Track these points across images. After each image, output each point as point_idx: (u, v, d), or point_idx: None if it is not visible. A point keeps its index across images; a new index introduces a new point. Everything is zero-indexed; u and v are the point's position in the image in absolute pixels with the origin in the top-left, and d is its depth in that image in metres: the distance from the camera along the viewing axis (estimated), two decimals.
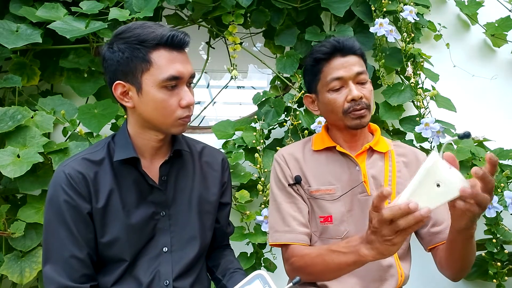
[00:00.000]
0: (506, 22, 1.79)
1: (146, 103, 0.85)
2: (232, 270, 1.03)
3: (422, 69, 1.60)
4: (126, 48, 0.84)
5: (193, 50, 2.18)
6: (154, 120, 0.87)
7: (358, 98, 0.99)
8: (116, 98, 0.88)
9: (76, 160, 0.90)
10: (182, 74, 0.85)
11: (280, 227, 1.03)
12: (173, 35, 0.83)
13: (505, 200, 1.34)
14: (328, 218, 1.02)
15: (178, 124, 0.87)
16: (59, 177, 0.87)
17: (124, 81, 0.86)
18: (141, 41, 0.83)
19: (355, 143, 1.07)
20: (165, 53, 0.84)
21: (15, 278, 1.26)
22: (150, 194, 0.92)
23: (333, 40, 1.02)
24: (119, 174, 0.90)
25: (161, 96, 0.84)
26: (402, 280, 1.01)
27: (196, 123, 1.92)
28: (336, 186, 1.03)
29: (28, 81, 1.50)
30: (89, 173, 0.88)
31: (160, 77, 0.83)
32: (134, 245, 0.90)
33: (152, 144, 0.93)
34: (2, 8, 1.51)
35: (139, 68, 0.83)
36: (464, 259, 0.88)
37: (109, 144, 0.93)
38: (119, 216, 0.88)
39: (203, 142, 1.09)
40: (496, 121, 1.80)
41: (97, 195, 0.88)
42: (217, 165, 1.05)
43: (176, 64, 0.84)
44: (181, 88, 0.86)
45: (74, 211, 0.85)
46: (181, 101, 0.86)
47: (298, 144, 1.15)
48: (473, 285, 1.69)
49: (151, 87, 0.84)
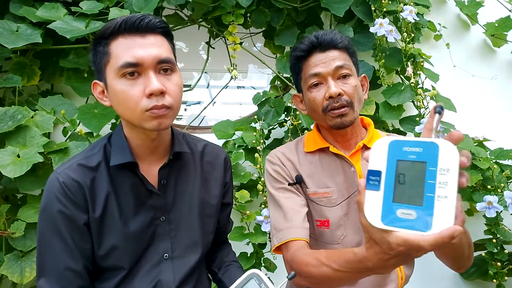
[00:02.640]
0: (506, 22, 1.79)
1: (112, 98, 0.80)
2: (228, 263, 1.02)
3: (422, 69, 1.60)
4: (93, 46, 0.82)
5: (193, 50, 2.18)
6: (123, 115, 0.81)
7: (336, 95, 0.92)
8: (96, 98, 0.85)
9: (71, 166, 0.84)
10: (141, 59, 0.76)
11: (282, 225, 0.96)
12: (126, 20, 0.77)
13: (505, 200, 1.34)
14: (325, 222, 0.98)
15: (147, 118, 0.77)
16: (53, 186, 0.82)
17: (98, 79, 0.83)
18: (101, 34, 0.79)
19: (348, 142, 1.02)
20: (122, 40, 0.77)
21: (15, 278, 1.25)
22: (149, 199, 0.87)
23: (313, 35, 0.97)
24: (116, 179, 0.85)
25: (121, 87, 0.77)
26: (403, 282, 0.99)
27: (196, 123, 1.92)
28: (332, 188, 0.99)
29: (28, 81, 1.50)
30: (85, 181, 0.82)
31: (116, 65, 0.76)
32: (133, 253, 0.86)
33: (147, 144, 0.87)
34: (2, 8, 1.51)
35: (103, 63, 0.79)
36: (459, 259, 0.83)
37: (105, 146, 0.88)
38: (116, 225, 0.84)
39: (205, 139, 1.05)
40: (496, 121, 1.80)
41: (94, 203, 0.83)
42: (220, 165, 1.01)
43: (134, 49, 0.76)
44: (145, 76, 0.77)
45: (70, 222, 0.81)
46: (146, 90, 0.76)
47: (290, 145, 1.10)
48: (473, 285, 1.69)
49: (112, 79, 0.78)
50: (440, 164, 0.48)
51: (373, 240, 0.57)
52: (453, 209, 0.46)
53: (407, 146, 0.51)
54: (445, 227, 0.46)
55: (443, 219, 0.46)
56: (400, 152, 0.51)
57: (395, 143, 0.52)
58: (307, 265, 0.83)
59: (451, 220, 0.46)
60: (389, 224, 0.50)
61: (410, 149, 0.51)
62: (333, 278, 0.76)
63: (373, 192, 0.52)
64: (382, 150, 0.53)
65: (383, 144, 0.53)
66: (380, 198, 0.51)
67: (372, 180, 0.52)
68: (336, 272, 0.74)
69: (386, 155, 0.52)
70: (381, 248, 0.56)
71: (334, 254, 0.77)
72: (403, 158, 0.51)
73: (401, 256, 0.55)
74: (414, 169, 0.50)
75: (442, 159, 0.48)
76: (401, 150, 0.51)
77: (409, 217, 0.49)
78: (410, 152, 0.50)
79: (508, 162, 1.56)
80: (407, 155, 0.51)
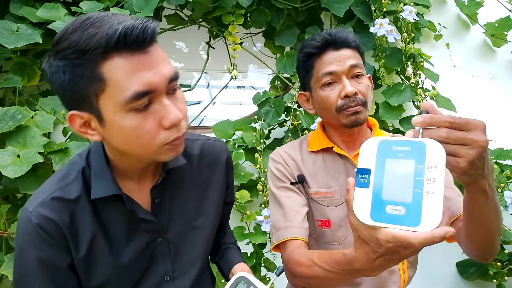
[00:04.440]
0: (506, 22, 1.79)
1: (114, 135, 0.63)
2: (225, 246, 0.98)
3: (422, 69, 1.60)
4: (65, 66, 0.59)
5: (193, 50, 2.18)
6: (132, 152, 0.66)
7: (352, 95, 0.91)
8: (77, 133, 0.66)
9: (44, 203, 0.69)
10: (154, 84, 0.59)
11: (282, 224, 0.94)
12: (125, 32, 0.56)
13: (505, 200, 1.34)
14: (326, 222, 0.97)
15: (165, 151, 0.65)
16: (26, 229, 0.68)
17: (80, 109, 0.63)
18: (81, 53, 0.57)
19: (353, 143, 1.01)
20: (120, 61, 0.57)
21: None
22: (141, 224, 0.76)
23: (325, 33, 0.95)
24: (101, 210, 0.72)
25: (130, 123, 0.60)
26: (405, 284, 0.98)
27: (196, 123, 1.92)
28: (335, 189, 0.98)
29: (28, 81, 1.50)
30: (63, 219, 0.69)
31: (121, 98, 0.58)
32: (129, 280, 0.77)
33: (139, 167, 0.74)
34: (2, 8, 1.51)
35: (90, 91, 0.59)
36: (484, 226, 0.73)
37: (83, 170, 0.72)
38: (106, 259, 0.73)
39: (202, 135, 0.95)
40: (496, 121, 1.80)
41: (76, 243, 0.70)
42: (221, 166, 0.90)
43: (141, 72, 0.58)
44: (158, 103, 0.61)
45: (51, 267, 0.70)
46: (163, 121, 0.61)
47: (294, 144, 1.08)
48: (473, 285, 1.69)
49: (114, 113, 0.60)
50: (428, 161, 0.50)
51: (362, 240, 0.57)
52: (440, 204, 0.48)
53: (395, 145, 0.52)
54: (433, 222, 0.47)
55: (431, 214, 0.48)
56: (389, 151, 0.52)
57: (384, 142, 0.53)
58: (300, 266, 0.83)
59: (439, 215, 0.47)
60: (378, 220, 0.51)
61: (399, 148, 0.52)
62: (324, 278, 0.75)
63: (362, 190, 0.53)
64: (372, 149, 0.54)
65: (373, 144, 0.54)
66: (369, 195, 0.52)
67: (361, 178, 0.53)
68: (327, 272, 0.73)
69: (375, 154, 0.53)
70: (370, 246, 0.55)
71: (325, 254, 0.76)
72: (392, 157, 0.52)
73: (388, 255, 0.54)
74: (402, 166, 0.51)
75: (430, 157, 0.50)
76: (390, 149, 0.52)
77: (398, 213, 0.50)
78: (399, 151, 0.52)
79: (508, 162, 1.56)
80: (395, 153, 0.52)
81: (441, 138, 0.54)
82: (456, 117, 0.55)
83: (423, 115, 0.55)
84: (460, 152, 0.55)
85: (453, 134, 0.55)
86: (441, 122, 0.55)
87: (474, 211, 0.70)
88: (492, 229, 0.74)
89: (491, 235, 0.75)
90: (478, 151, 0.55)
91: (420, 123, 0.55)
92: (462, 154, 0.55)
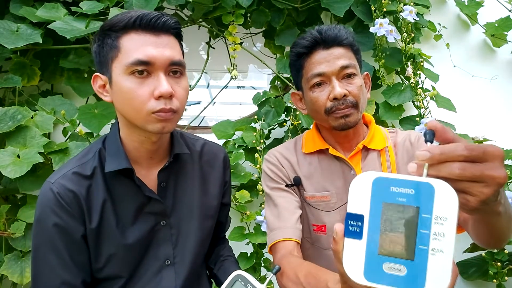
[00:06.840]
0: (506, 22, 1.79)
1: (116, 95, 0.76)
2: (223, 258, 1.01)
3: (422, 69, 1.60)
4: (100, 36, 0.77)
5: (193, 50, 2.18)
6: (127, 115, 0.77)
7: (341, 97, 0.87)
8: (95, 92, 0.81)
9: (65, 175, 0.79)
10: (153, 58, 0.73)
11: (275, 224, 0.93)
12: (142, 16, 0.73)
13: None
14: (322, 227, 0.95)
15: (153, 120, 0.74)
16: (47, 197, 0.77)
17: (101, 72, 0.79)
18: (111, 26, 0.75)
19: (349, 144, 0.97)
20: (135, 36, 0.73)
21: (15, 278, 1.25)
22: (148, 204, 0.84)
23: (316, 30, 0.90)
24: (113, 186, 0.81)
25: (128, 85, 0.73)
26: None
27: (196, 123, 1.91)
28: (331, 192, 0.95)
29: (28, 81, 1.50)
30: (80, 190, 0.78)
31: (126, 61, 0.72)
32: (132, 261, 0.83)
33: (146, 147, 0.83)
34: (2, 8, 1.51)
35: (109, 56, 0.75)
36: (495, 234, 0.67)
37: (100, 151, 0.83)
38: (113, 235, 0.80)
39: (202, 137, 1.02)
40: (496, 121, 1.80)
41: (90, 214, 0.79)
42: (219, 164, 0.98)
43: (147, 47, 0.73)
44: (156, 77, 0.74)
45: (66, 235, 0.77)
46: (155, 91, 0.73)
47: (288, 145, 1.04)
48: (473, 285, 1.69)
49: (119, 75, 0.74)
50: (436, 211, 0.40)
51: None
52: (449, 265, 0.39)
53: (395, 185, 0.42)
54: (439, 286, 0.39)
55: (438, 277, 0.40)
56: (387, 192, 0.42)
57: (380, 181, 0.42)
58: (288, 279, 0.81)
59: (447, 278, 0.39)
60: (374, 281, 0.42)
61: (399, 189, 0.41)
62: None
63: (353, 241, 0.43)
64: (365, 189, 0.43)
65: (366, 182, 0.43)
66: (363, 249, 0.42)
67: (352, 225, 0.43)
68: None
69: (370, 195, 0.43)
70: None
71: (312, 276, 0.73)
72: (390, 200, 0.42)
73: None
74: (403, 214, 0.41)
75: (439, 205, 0.40)
76: (388, 190, 0.42)
77: (397, 273, 0.41)
78: (399, 194, 0.41)
79: (508, 162, 1.56)
80: (395, 197, 0.42)
81: (453, 176, 0.42)
82: (472, 147, 0.43)
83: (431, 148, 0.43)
84: (473, 191, 0.44)
85: (468, 171, 0.43)
86: (455, 157, 0.43)
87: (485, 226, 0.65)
88: (504, 233, 0.67)
89: (504, 236, 0.69)
90: (494, 189, 0.43)
91: (428, 159, 0.43)
92: (475, 192, 0.44)
